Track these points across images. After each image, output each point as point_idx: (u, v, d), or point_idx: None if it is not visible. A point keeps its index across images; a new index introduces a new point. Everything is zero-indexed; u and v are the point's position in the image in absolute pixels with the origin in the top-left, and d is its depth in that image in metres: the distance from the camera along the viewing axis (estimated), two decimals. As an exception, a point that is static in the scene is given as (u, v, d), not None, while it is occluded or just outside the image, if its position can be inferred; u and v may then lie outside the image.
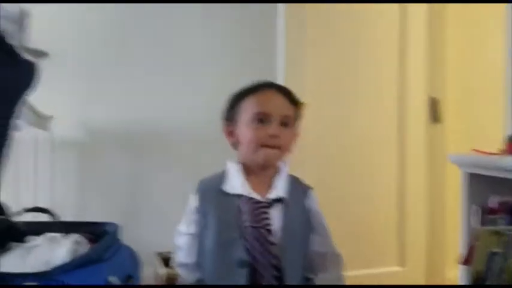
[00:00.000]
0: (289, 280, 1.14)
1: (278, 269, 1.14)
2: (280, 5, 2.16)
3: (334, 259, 1.24)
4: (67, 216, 2.08)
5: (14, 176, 2.06)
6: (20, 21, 0.67)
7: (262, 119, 1.19)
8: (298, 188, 1.25)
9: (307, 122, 2.05)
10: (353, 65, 2.27)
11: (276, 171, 1.25)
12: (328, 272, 1.21)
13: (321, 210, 1.27)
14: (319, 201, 1.28)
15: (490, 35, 2.31)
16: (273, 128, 1.18)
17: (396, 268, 2.33)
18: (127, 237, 1.30)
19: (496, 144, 1.40)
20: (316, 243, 1.22)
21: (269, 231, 1.15)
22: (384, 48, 2.32)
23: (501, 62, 1.76)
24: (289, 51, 2.15)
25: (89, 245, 1.11)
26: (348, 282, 1.27)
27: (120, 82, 2.42)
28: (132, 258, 1.21)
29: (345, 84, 2.25)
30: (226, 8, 2.41)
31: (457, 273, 1.84)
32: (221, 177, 1.25)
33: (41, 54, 0.77)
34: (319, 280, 1.20)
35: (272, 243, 1.14)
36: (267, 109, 1.19)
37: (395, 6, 2.31)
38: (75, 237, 1.05)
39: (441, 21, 2.44)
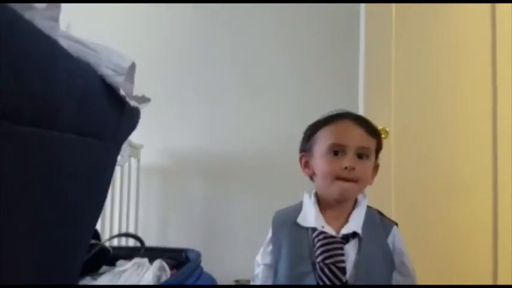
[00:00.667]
0: None
1: None
2: (362, 32, 2.13)
3: None
4: (150, 241, 2.21)
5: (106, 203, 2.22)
6: (130, 73, 0.73)
7: (337, 150, 1.16)
8: (378, 223, 1.20)
9: (391, 150, 2.03)
10: (440, 88, 2.15)
11: (354, 204, 1.21)
12: None
13: (407, 247, 1.21)
14: (403, 234, 1.23)
15: None
16: (348, 160, 1.14)
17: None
18: (206, 264, 1.35)
19: None
20: (397, 282, 1.17)
21: (340, 268, 1.11)
22: (474, 68, 2.16)
23: None
24: (370, 82, 2.12)
25: (171, 271, 1.17)
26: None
27: (202, 111, 2.54)
28: (213, 286, 1.25)
29: (432, 109, 2.14)
30: (308, 35, 2.46)
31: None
32: (297, 209, 1.24)
33: (145, 100, 0.85)
34: None
35: (343, 282, 1.11)
36: (342, 140, 1.16)
37: (486, 16, 2.17)
38: (159, 263, 1.11)
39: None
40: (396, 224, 1.23)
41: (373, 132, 1.21)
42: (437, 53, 2.17)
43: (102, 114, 0.72)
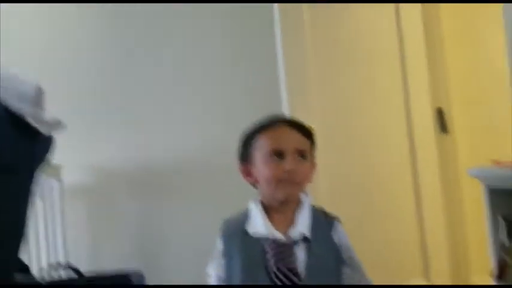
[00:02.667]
0: None
1: None
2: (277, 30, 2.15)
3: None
4: (83, 264, 2.07)
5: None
6: (38, 98, 0.70)
7: (277, 155, 1.19)
8: (322, 221, 1.23)
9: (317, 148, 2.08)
10: (355, 87, 2.26)
11: (298, 205, 1.23)
12: None
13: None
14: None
15: (492, 37, 2.31)
16: (289, 163, 1.17)
17: (421, 281, 2.30)
18: (148, 282, 1.28)
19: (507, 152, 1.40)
20: (349, 277, 1.20)
21: (294, 273, 1.13)
22: (386, 63, 2.32)
23: (505, 66, 1.73)
24: (291, 79, 2.15)
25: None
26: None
27: (125, 124, 2.42)
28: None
29: (349, 105, 2.24)
30: (225, 40, 2.42)
31: (482, 281, 1.83)
32: (244, 217, 1.23)
33: (59, 126, 0.78)
34: None
35: (297, 286, 1.13)
36: (281, 145, 1.19)
37: (392, 18, 2.31)
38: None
39: (438, 28, 2.45)
40: (339, 220, 1.25)
41: (308, 133, 1.25)
42: (350, 50, 2.28)
43: (11, 145, 0.68)
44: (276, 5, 2.13)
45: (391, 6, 2.33)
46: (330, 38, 2.24)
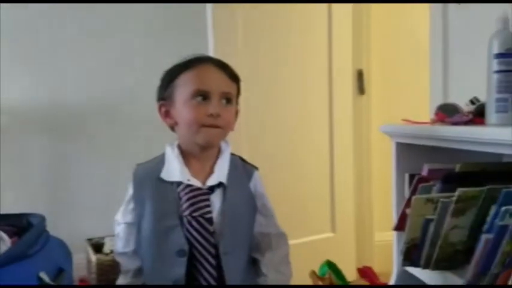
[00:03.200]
0: (228, 269, 1.12)
1: (218, 257, 1.11)
2: (208, 7, 2.05)
3: (279, 239, 1.23)
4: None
5: None
6: None
7: (201, 97, 1.11)
8: (241, 170, 1.21)
9: (243, 102, 2.06)
10: (283, 46, 2.24)
11: (217, 152, 1.20)
12: (274, 251, 1.21)
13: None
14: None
15: (415, 7, 2.39)
16: (213, 107, 1.10)
17: (329, 234, 2.41)
18: (53, 227, 1.21)
19: (420, 114, 1.46)
20: (259, 224, 1.21)
21: (208, 219, 1.11)
22: (313, 25, 2.32)
23: (427, 31, 1.79)
24: (218, 31, 2.08)
25: (12, 239, 1.02)
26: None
27: (39, 61, 2.23)
28: (62, 250, 1.14)
29: (276, 64, 2.23)
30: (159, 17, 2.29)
31: (386, 237, 1.95)
32: (159, 162, 1.18)
33: None
34: (265, 259, 1.19)
35: (211, 232, 1.11)
36: (206, 86, 1.11)
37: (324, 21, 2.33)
38: (-4, 232, 0.96)
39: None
40: (257, 169, 1.25)
41: (234, 76, 1.18)
42: (277, 11, 2.22)
43: None
44: (208, 5, 2.02)
45: (324, 5, 2.33)
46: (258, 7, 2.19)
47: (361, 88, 2.48)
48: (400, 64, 2.57)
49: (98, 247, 2.13)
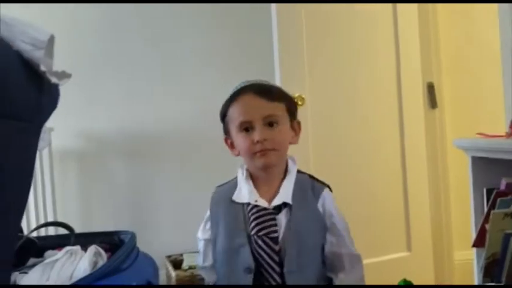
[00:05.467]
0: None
1: (283, 275, 1.16)
2: (273, 6, 2.13)
3: (351, 260, 1.22)
4: (74, 228, 2.09)
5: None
6: (49, 47, 0.67)
7: (246, 127, 1.19)
8: (308, 188, 1.24)
9: (308, 117, 2.11)
10: (349, 58, 2.26)
11: (284, 172, 1.25)
12: (347, 273, 1.21)
13: (337, 207, 1.26)
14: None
15: (484, 13, 2.32)
16: (258, 134, 1.17)
17: (404, 253, 2.34)
18: (139, 245, 1.31)
19: (495, 127, 1.42)
20: (330, 243, 1.22)
21: (272, 238, 1.16)
22: (379, 36, 2.31)
23: (497, 43, 1.75)
24: (284, 48, 2.13)
25: (107, 255, 1.12)
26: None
27: (118, 89, 2.41)
28: (150, 264, 1.22)
29: (342, 76, 2.25)
30: (223, 16, 2.40)
31: (466, 256, 1.88)
32: (232, 185, 1.27)
33: (66, 76, 0.77)
34: (338, 280, 1.20)
35: (276, 251, 1.16)
36: (247, 116, 1.19)
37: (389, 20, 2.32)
38: (94, 248, 1.05)
39: (432, 4, 2.45)
40: (328, 186, 1.27)
41: (277, 97, 1.22)
42: (345, 24, 2.26)
43: (21, 92, 0.65)
44: (273, 5, 2.10)
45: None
46: (326, 12, 2.22)
47: (432, 102, 2.43)
48: (473, 75, 2.50)
49: (177, 264, 2.23)
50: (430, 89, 2.42)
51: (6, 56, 0.62)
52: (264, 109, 1.19)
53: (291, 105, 1.26)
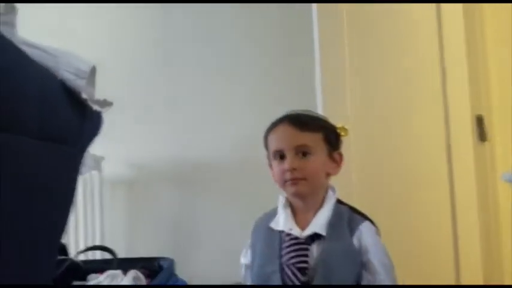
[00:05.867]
0: None
1: None
2: (315, 24, 2.15)
3: None
4: (119, 255, 2.14)
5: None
6: (91, 77, 0.72)
7: (279, 156, 1.24)
8: (345, 220, 1.22)
9: (351, 147, 2.09)
10: (394, 87, 2.25)
11: (321, 201, 1.25)
12: None
13: (379, 242, 1.25)
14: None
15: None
16: (288, 162, 1.21)
17: (454, 291, 2.24)
18: (180, 272, 1.34)
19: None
20: (367, 281, 1.18)
21: (300, 269, 1.16)
22: (425, 67, 2.28)
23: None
24: (327, 80, 2.15)
25: (146, 281, 1.14)
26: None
27: (166, 120, 2.50)
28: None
29: (385, 106, 2.23)
30: (266, 40, 2.45)
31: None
32: (273, 213, 1.30)
33: (107, 104, 0.82)
34: None
35: (302, 281, 1.16)
36: (280, 145, 1.24)
37: (433, 21, 2.27)
38: (134, 273, 1.08)
39: (481, 30, 2.39)
40: (370, 220, 1.26)
41: (312, 127, 1.24)
42: (388, 51, 2.25)
43: (64, 118, 0.70)
44: (314, 5, 2.14)
45: (432, 6, 2.28)
46: (368, 40, 2.23)
47: (482, 135, 2.35)
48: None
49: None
50: (479, 121, 2.35)
51: (52, 84, 0.66)
52: (296, 138, 1.22)
53: (330, 135, 1.27)
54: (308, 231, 1.20)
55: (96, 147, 2.43)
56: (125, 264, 1.22)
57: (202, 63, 2.50)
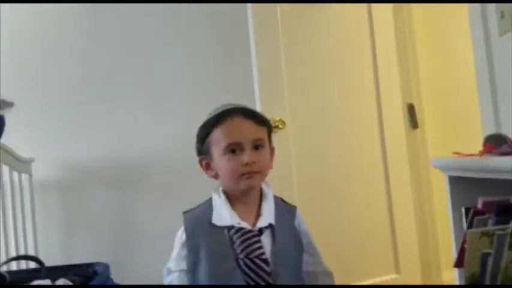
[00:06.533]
0: None
1: None
2: (250, 19, 2.14)
3: (325, 277, 1.25)
4: (55, 260, 2.04)
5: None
6: None
7: (234, 149, 1.19)
8: (284, 210, 1.25)
9: (289, 139, 2.11)
10: (329, 79, 2.29)
11: (260, 195, 1.25)
12: None
13: (309, 227, 1.28)
14: (307, 219, 1.29)
15: (459, 34, 2.36)
16: (247, 156, 1.17)
17: (393, 276, 2.32)
18: (119, 276, 1.28)
19: (477, 145, 1.42)
20: (306, 263, 1.23)
21: (264, 260, 1.15)
22: (357, 59, 2.35)
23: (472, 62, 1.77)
24: (264, 76, 2.15)
25: (79, 289, 1.09)
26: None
27: (98, 119, 2.40)
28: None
29: (322, 99, 2.27)
30: (199, 36, 2.40)
31: (453, 276, 1.86)
32: (207, 208, 1.24)
33: (7, 105, 0.76)
34: None
35: (268, 272, 1.15)
36: (237, 138, 1.19)
37: (364, 16, 2.35)
38: (62, 282, 1.03)
39: (409, 26, 2.50)
40: (296, 207, 1.29)
41: (262, 121, 1.24)
42: (323, 47, 2.29)
43: None
44: (249, 4, 2.13)
45: (363, 5, 2.36)
46: (302, 35, 2.25)
47: (413, 122, 2.45)
48: (452, 96, 2.53)
49: (161, 294, 2.18)
50: (411, 109, 2.44)
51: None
52: (254, 132, 1.20)
53: (271, 131, 1.28)
54: (262, 223, 1.20)
55: (24, 149, 2.29)
56: (56, 273, 1.16)
57: (134, 62, 2.41)
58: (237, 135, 1.19)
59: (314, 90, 2.25)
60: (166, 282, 1.23)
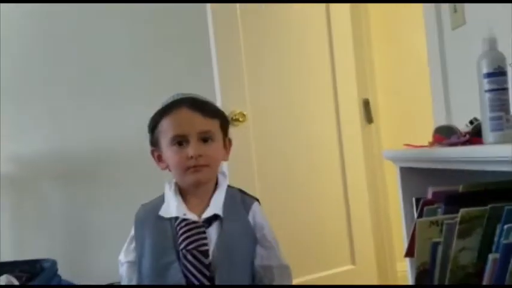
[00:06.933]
0: None
1: None
2: (209, 13, 2.12)
3: (281, 271, 1.21)
4: (6, 257, 1.96)
5: None
6: None
7: (180, 141, 1.15)
8: (239, 202, 1.22)
9: (249, 131, 2.11)
10: (288, 75, 2.31)
11: (214, 186, 1.22)
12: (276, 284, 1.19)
13: (268, 220, 1.25)
14: (267, 211, 1.27)
15: (414, 31, 2.43)
16: (192, 149, 1.14)
17: (348, 267, 2.37)
18: (72, 271, 1.24)
19: (429, 138, 1.46)
20: (260, 256, 1.20)
21: (202, 252, 1.13)
22: (316, 56, 2.38)
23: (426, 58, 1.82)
24: (224, 70, 2.13)
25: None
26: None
27: (49, 113, 2.31)
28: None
29: (281, 92, 2.28)
30: (156, 26, 2.35)
31: (406, 266, 1.91)
32: (159, 201, 1.21)
33: None
34: None
35: (206, 265, 1.13)
36: (182, 130, 1.15)
37: (322, 15, 2.38)
38: (5, 278, 0.98)
39: (366, 23, 2.55)
40: (257, 200, 1.26)
41: (212, 113, 1.21)
42: (282, 45, 2.31)
43: None
44: (208, 4, 2.11)
45: (321, 5, 2.39)
46: (263, 32, 2.26)
47: (368, 117, 2.50)
48: (406, 91, 2.60)
49: (116, 291, 2.14)
50: (366, 105, 2.49)
51: None
52: (200, 124, 1.16)
53: (225, 122, 1.25)
54: (208, 214, 1.18)
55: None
56: (2, 269, 1.11)
57: (89, 51, 2.33)
58: (182, 127, 1.16)
59: (274, 84, 2.27)
60: (119, 272, 1.22)
